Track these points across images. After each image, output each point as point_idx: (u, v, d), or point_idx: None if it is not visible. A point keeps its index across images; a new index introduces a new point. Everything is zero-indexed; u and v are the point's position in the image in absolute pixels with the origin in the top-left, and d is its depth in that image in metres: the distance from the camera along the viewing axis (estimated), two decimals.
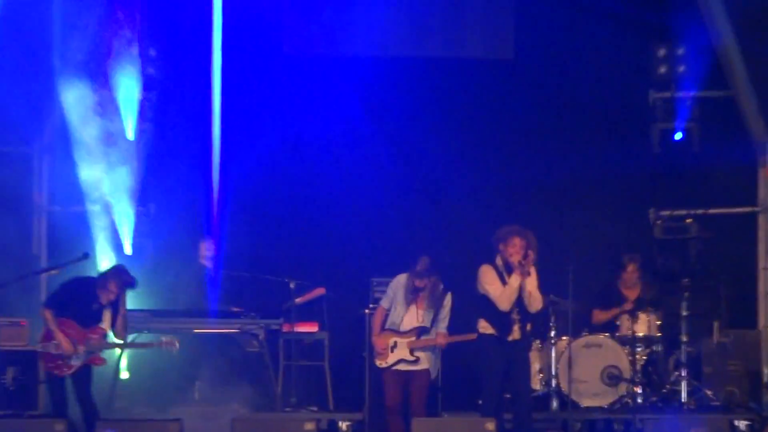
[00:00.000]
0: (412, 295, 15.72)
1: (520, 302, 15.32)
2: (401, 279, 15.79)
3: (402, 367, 15.68)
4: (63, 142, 17.72)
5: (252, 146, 18.34)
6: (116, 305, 15.30)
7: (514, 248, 15.26)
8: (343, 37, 18.90)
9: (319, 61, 18.78)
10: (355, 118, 18.52)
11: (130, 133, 17.74)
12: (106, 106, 17.74)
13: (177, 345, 15.52)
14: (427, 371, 15.82)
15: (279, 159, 18.51)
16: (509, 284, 15.18)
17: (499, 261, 15.33)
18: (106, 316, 15.28)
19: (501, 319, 15.26)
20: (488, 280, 15.33)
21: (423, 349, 15.73)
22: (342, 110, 18.47)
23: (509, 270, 15.22)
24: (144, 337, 16.45)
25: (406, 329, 15.75)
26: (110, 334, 15.39)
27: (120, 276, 15.27)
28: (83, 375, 15.23)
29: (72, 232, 17.64)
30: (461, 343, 15.66)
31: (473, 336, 15.56)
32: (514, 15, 19.40)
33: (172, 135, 18.27)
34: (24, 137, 17.95)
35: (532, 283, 15.30)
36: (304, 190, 18.58)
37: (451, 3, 19.31)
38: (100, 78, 17.72)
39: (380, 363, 15.80)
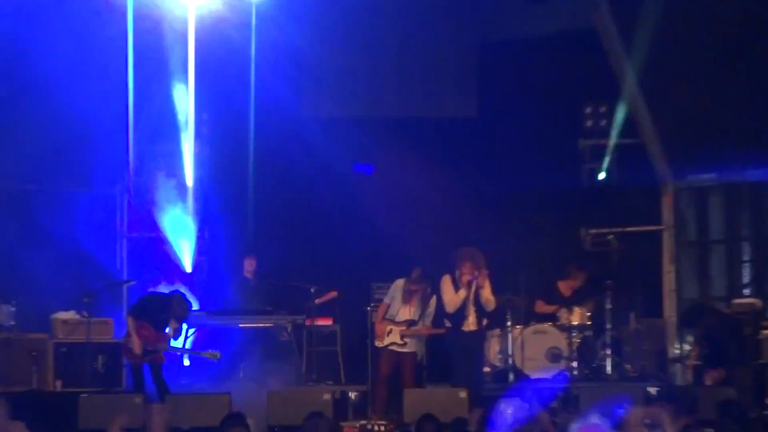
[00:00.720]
0: (407, 296, 16.16)
1: (477, 303, 15.85)
2: (399, 283, 16.27)
3: (394, 348, 16.18)
4: (139, 185, 18.03)
5: (279, 185, 18.60)
6: None
7: (465, 269, 15.81)
8: (342, 101, 19.11)
9: (328, 119, 18.92)
10: (357, 160, 18.90)
11: (189, 179, 18.02)
12: (171, 158, 18.08)
13: (219, 356, 15.80)
14: (413, 353, 16.31)
15: (300, 194, 18.68)
16: (457, 295, 15.72)
17: (457, 273, 15.86)
18: (172, 324, 15.70)
19: (456, 316, 15.82)
20: (444, 289, 15.92)
21: (410, 336, 16.22)
22: (348, 154, 18.68)
23: (457, 285, 15.82)
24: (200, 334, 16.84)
25: (399, 320, 16.21)
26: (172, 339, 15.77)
27: (176, 309, 15.66)
28: (155, 362, 15.57)
29: (145, 253, 17.98)
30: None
31: (443, 330, 16.07)
32: (478, 82, 19.83)
33: (220, 178, 18.49)
34: (109, 181, 18.19)
35: (487, 292, 15.84)
36: (321, 220, 18.68)
37: (431, 73, 19.57)
38: (165, 136, 18.13)
39: (378, 343, 16.31)
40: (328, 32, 18.45)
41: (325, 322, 17.56)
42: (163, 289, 16.58)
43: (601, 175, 18.65)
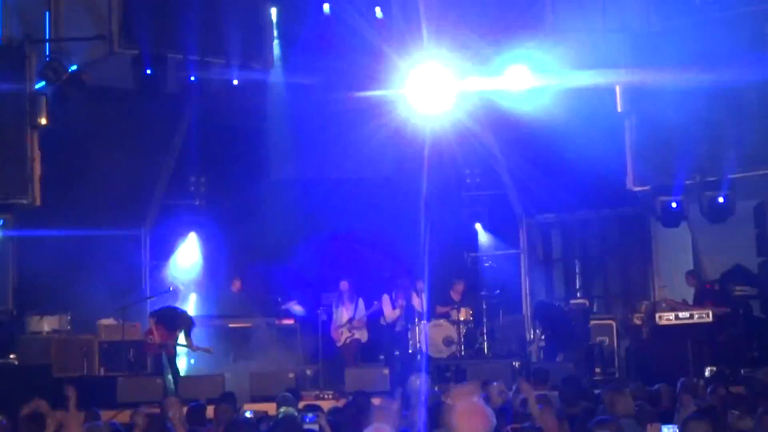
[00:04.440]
0: (338, 300, 16.18)
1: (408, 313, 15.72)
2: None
3: (348, 341, 16.16)
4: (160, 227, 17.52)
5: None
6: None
7: (398, 295, 15.72)
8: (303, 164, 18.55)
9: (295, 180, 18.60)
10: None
11: None
12: None
13: (211, 351, 15.50)
14: (359, 339, 16.22)
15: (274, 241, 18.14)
16: (394, 312, 15.64)
17: (394, 295, 15.68)
18: (179, 332, 15.34)
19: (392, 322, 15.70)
20: (384, 306, 15.71)
21: (355, 329, 16.08)
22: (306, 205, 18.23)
23: (394, 304, 15.65)
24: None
25: (343, 323, 16.03)
26: (180, 337, 15.31)
27: (182, 322, 15.35)
28: (170, 354, 15.25)
29: (163, 277, 17.38)
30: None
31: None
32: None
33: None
34: (134, 224, 17.53)
35: (416, 302, 16.05)
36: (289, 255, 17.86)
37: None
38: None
39: (338, 344, 16.33)
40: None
41: (288, 321, 17.05)
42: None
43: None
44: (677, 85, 14.94)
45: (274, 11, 16.93)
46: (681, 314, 14.97)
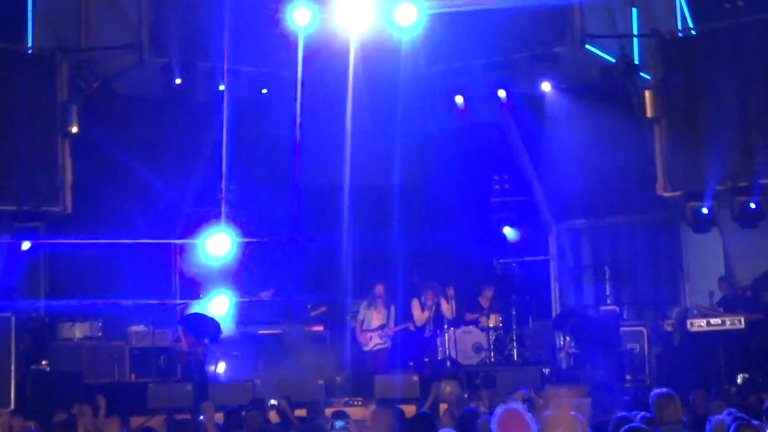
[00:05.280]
0: (372, 301, 15.96)
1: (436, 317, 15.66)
2: (364, 303, 16.16)
3: (378, 348, 16.02)
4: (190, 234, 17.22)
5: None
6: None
7: (428, 296, 15.63)
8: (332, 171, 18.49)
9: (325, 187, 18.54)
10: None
11: None
12: None
13: (238, 355, 15.53)
14: (388, 348, 16.05)
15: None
16: (423, 314, 15.54)
17: (423, 298, 15.64)
18: (206, 340, 15.24)
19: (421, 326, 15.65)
20: (414, 310, 15.65)
21: (387, 336, 16.01)
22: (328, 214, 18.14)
23: (423, 307, 15.62)
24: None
25: (375, 327, 15.96)
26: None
27: (209, 330, 15.20)
28: (198, 361, 15.20)
29: (195, 285, 17.23)
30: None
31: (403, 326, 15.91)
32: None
33: None
34: (165, 231, 17.26)
35: (445, 308, 15.84)
36: (316, 270, 18.08)
37: None
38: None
39: (366, 348, 16.15)
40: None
41: (318, 328, 17.02)
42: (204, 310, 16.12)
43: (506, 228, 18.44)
44: (707, 89, 14.87)
45: (302, 19, 16.87)
46: (713, 321, 14.85)
